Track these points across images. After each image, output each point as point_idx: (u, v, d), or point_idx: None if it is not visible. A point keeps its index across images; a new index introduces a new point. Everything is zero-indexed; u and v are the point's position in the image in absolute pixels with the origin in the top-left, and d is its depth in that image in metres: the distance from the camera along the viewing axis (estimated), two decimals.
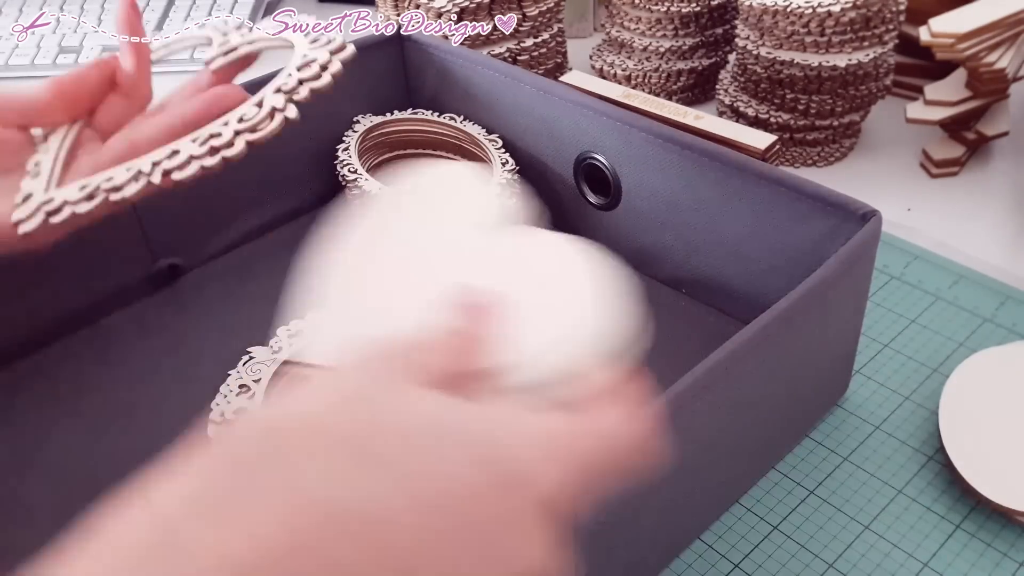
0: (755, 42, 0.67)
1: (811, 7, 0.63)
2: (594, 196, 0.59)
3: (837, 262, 0.42)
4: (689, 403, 0.37)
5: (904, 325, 0.54)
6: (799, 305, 0.40)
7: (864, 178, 0.68)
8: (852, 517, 0.44)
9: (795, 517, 0.45)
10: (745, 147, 0.53)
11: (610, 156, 0.56)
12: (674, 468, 0.39)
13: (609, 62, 0.77)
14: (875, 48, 0.65)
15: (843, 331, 0.47)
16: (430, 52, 0.64)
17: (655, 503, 0.39)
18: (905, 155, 0.70)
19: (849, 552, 0.43)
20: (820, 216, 0.46)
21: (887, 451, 0.47)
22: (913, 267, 0.58)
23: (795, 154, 0.69)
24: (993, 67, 0.61)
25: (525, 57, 0.70)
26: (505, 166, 0.61)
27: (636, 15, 0.74)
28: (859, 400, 0.50)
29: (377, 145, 0.66)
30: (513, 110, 0.61)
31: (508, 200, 0.37)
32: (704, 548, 0.44)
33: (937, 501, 0.45)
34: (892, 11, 0.64)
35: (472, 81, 0.63)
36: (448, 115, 0.66)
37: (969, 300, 0.56)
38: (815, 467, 0.47)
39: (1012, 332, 0.53)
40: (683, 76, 0.75)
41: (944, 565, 0.42)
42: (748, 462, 0.45)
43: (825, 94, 0.66)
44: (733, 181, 0.49)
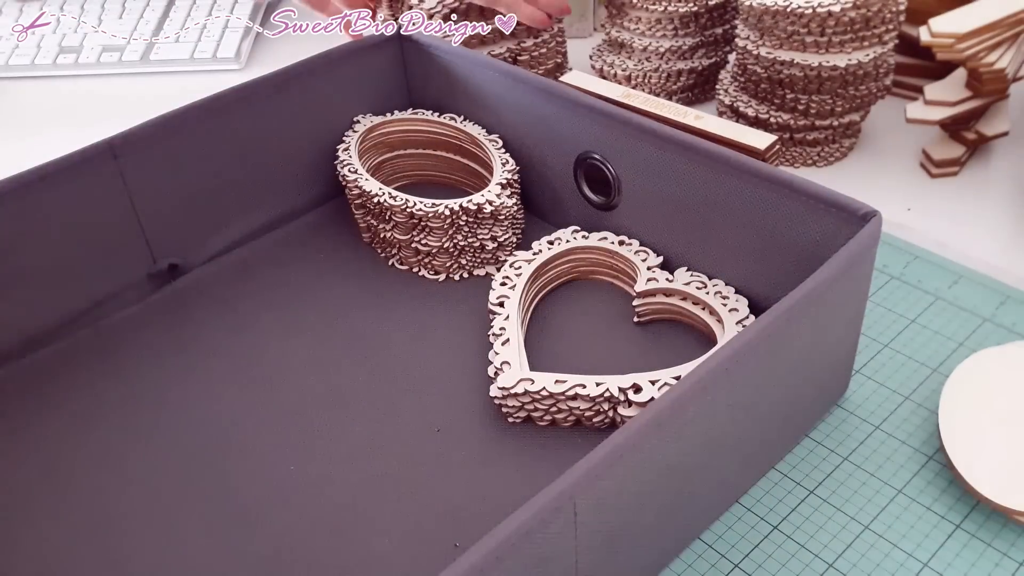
0: (755, 42, 0.67)
1: (811, 7, 0.63)
2: (594, 196, 0.59)
3: (837, 262, 0.42)
4: (689, 403, 0.37)
5: (904, 325, 0.54)
6: (799, 305, 0.40)
7: (864, 178, 0.68)
8: (852, 517, 0.44)
9: (795, 517, 0.45)
10: (745, 147, 0.53)
11: (610, 156, 0.56)
12: (674, 468, 0.39)
13: (609, 62, 0.77)
14: (875, 48, 0.65)
15: (843, 331, 0.47)
16: (430, 52, 0.64)
17: (655, 503, 0.39)
18: (905, 155, 0.70)
19: (849, 552, 0.43)
20: (820, 216, 0.46)
21: (887, 451, 0.47)
22: (913, 267, 0.58)
23: (795, 154, 0.69)
24: (993, 67, 0.61)
25: (525, 57, 0.70)
26: (505, 166, 0.61)
27: (636, 15, 0.74)
28: (859, 400, 0.50)
29: (377, 145, 0.66)
30: (513, 110, 0.61)
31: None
32: (704, 548, 0.44)
33: (937, 501, 0.45)
34: (892, 11, 0.64)
35: (472, 81, 0.63)
36: (448, 115, 0.66)
37: (969, 300, 0.56)
38: (815, 467, 0.47)
39: (1012, 332, 0.53)
40: (683, 76, 0.75)
41: (944, 565, 0.42)
42: (748, 462, 0.45)
43: (825, 94, 0.66)
44: (733, 181, 0.50)
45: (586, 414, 0.48)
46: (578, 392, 0.47)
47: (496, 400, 0.49)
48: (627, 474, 0.36)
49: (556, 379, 0.48)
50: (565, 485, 0.34)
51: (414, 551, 0.43)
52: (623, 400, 0.47)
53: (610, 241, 0.58)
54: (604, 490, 0.35)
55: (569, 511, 0.34)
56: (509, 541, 0.32)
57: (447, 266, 0.60)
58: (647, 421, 0.36)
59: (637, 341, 0.54)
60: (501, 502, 0.45)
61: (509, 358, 0.49)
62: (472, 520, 0.44)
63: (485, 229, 0.58)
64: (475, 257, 0.59)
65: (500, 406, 0.49)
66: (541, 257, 0.57)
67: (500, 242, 0.59)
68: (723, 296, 0.53)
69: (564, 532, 0.35)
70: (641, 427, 0.36)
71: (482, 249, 0.59)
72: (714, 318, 0.52)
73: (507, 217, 0.59)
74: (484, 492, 0.46)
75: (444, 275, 0.60)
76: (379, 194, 0.59)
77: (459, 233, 0.58)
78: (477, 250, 0.59)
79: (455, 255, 0.59)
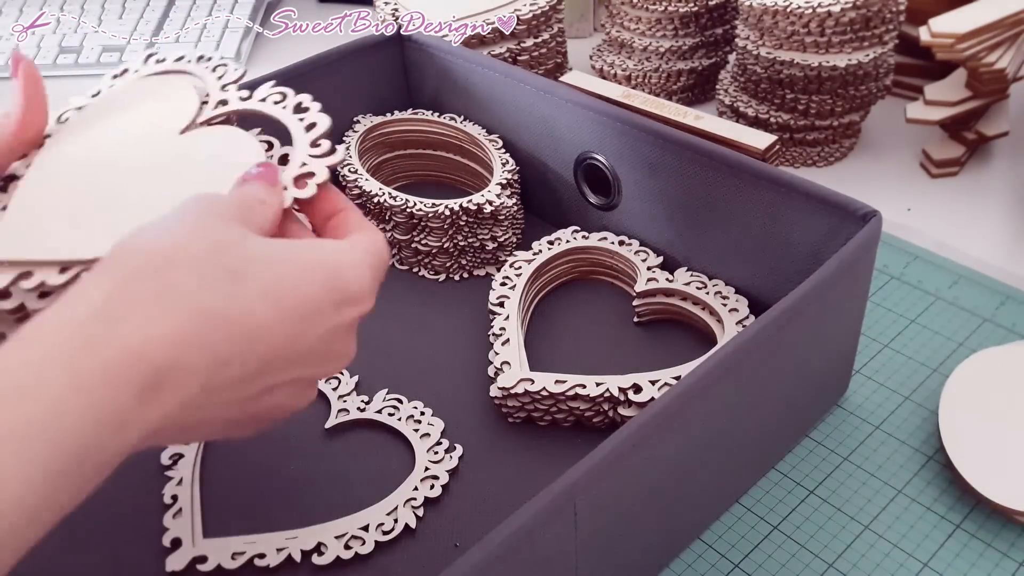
0: (755, 42, 0.67)
1: (811, 7, 0.63)
2: (594, 196, 0.59)
3: (837, 262, 0.42)
4: (689, 403, 0.37)
5: (904, 325, 0.54)
6: (799, 305, 0.40)
7: (864, 178, 0.68)
8: (852, 517, 0.44)
9: (795, 517, 0.45)
10: (745, 147, 0.53)
11: (610, 156, 0.56)
12: (674, 468, 0.39)
13: (609, 62, 0.77)
14: (875, 48, 0.65)
15: (843, 331, 0.47)
16: (430, 52, 0.64)
17: (655, 503, 0.39)
18: (905, 155, 0.70)
19: (849, 552, 0.43)
20: (820, 216, 0.46)
21: (887, 451, 0.47)
22: (913, 267, 0.58)
23: (795, 154, 0.69)
24: (993, 67, 0.61)
25: (525, 57, 0.70)
26: (505, 166, 0.61)
27: (636, 15, 0.74)
28: (859, 400, 0.50)
29: (377, 145, 0.66)
30: (513, 110, 0.61)
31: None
32: (704, 548, 0.44)
33: (937, 501, 0.45)
34: (892, 11, 0.64)
35: (472, 81, 0.63)
36: (448, 115, 0.66)
37: (969, 300, 0.56)
38: (815, 467, 0.47)
39: (1012, 332, 0.53)
40: (683, 76, 0.75)
41: (944, 565, 0.42)
42: (748, 462, 0.45)
43: (825, 94, 0.66)
44: (733, 181, 0.50)
45: (586, 414, 0.48)
46: (578, 392, 0.47)
47: (496, 400, 0.49)
48: (627, 474, 0.36)
49: (556, 379, 0.48)
50: (565, 485, 0.34)
51: (414, 551, 0.43)
52: (623, 400, 0.47)
53: (610, 241, 0.58)
54: (604, 490, 0.35)
55: (569, 511, 0.34)
56: (509, 541, 0.32)
57: (447, 266, 0.60)
58: (647, 421, 0.36)
59: (637, 341, 0.54)
60: (501, 502, 0.45)
61: (509, 358, 0.49)
62: (472, 520, 0.44)
63: (485, 229, 0.58)
64: (475, 257, 0.59)
65: (500, 406, 0.49)
66: (541, 257, 0.57)
67: (500, 242, 0.59)
68: (723, 296, 0.53)
69: (564, 532, 0.35)
70: (641, 427, 0.36)
71: (482, 249, 0.59)
72: (714, 318, 0.52)
73: (507, 217, 0.59)
74: (484, 492, 0.46)
75: (444, 275, 0.60)
76: (379, 194, 0.59)
77: (459, 233, 0.58)
78: (477, 250, 0.59)
79: (455, 255, 0.59)
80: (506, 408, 0.49)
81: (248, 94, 0.40)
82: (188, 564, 0.42)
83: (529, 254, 0.57)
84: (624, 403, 0.47)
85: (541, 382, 0.48)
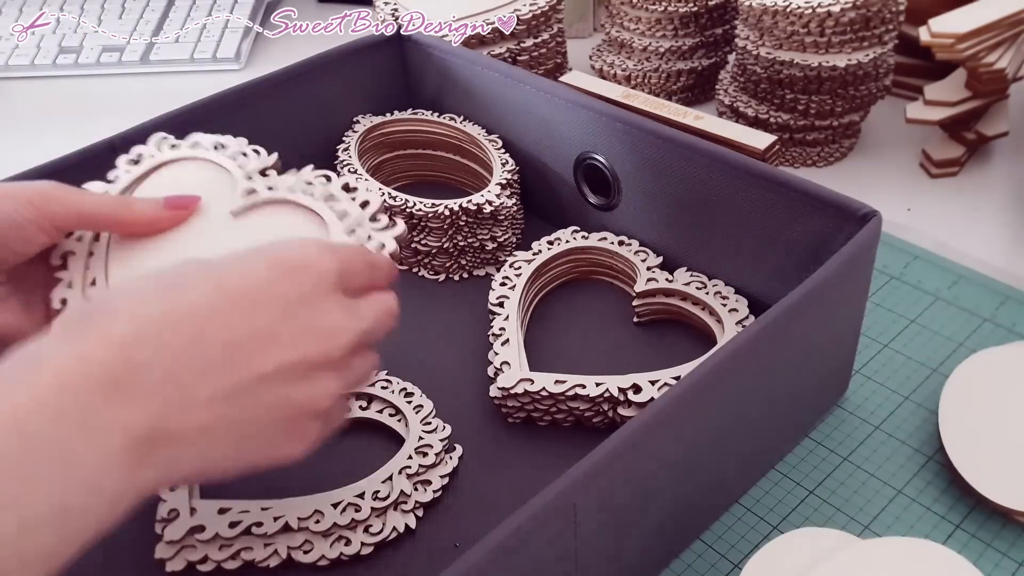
0: (755, 42, 0.67)
1: (811, 7, 0.63)
2: (594, 196, 0.59)
3: (837, 262, 0.42)
4: (689, 403, 0.37)
5: (904, 325, 0.54)
6: (799, 305, 0.40)
7: (864, 178, 0.68)
8: (852, 517, 0.44)
9: (795, 517, 0.45)
10: (745, 147, 0.53)
11: (610, 156, 0.56)
12: (674, 468, 0.39)
13: (609, 62, 0.77)
14: (875, 48, 0.65)
15: (843, 331, 0.47)
16: (430, 52, 0.64)
17: (655, 503, 0.39)
18: (905, 155, 0.70)
19: None
20: (820, 216, 0.46)
21: (887, 451, 0.47)
22: (913, 267, 0.58)
23: (795, 154, 0.69)
24: (993, 67, 0.61)
25: (525, 57, 0.70)
26: (505, 166, 0.61)
27: (636, 15, 0.74)
28: (859, 400, 0.50)
29: (377, 145, 0.66)
30: (513, 110, 0.61)
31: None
32: (704, 548, 0.44)
33: (937, 501, 0.45)
34: (892, 11, 0.64)
35: (472, 81, 0.63)
36: (448, 115, 0.66)
37: (969, 300, 0.56)
38: (815, 467, 0.47)
39: (1012, 332, 0.53)
40: (683, 76, 0.75)
41: None
42: (748, 462, 0.45)
43: (825, 94, 0.66)
44: (733, 181, 0.50)
45: (586, 414, 0.48)
46: (578, 392, 0.47)
47: (496, 400, 0.49)
48: (627, 474, 0.36)
49: (556, 379, 0.48)
50: (565, 485, 0.34)
51: (414, 551, 0.43)
52: (623, 400, 0.47)
53: (610, 241, 0.58)
54: (604, 490, 0.35)
55: (569, 511, 0.34)
56: (509, 541, 0.32)
57: (447, 266, 0.60)
58: (647, 421, 0.36)
59: (637, 341, 0.54)
60: (501, 502, 0.45)
61: (509, 358, 0.49)
62: (472, 520, 0.44)
63: (485, 229, 0.58)
64: (475, 257, 0.59)
65: (500, 406, 0.49)
66: (541, 257, 0.57)
67: (500, 242, 0.59)
68: (723, 296, 0.53)
69: (564, 532, 0.35)
70: (641, 427, 0.36)
71: (482, 249, 0.59)
72: (714, 318, 0.52)
73: (507, 217, 0.59)
74: (484, 492, 0.46)
75: (444, 275, 0.60)
76: (379, 194, 0.59)
77: (459, 233, 0.58)
78: (477, 250, 0.59)
79: (455, 255, 0.59)
80: (506, 408, 0.49)
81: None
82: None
83: (529, 254, 0.57)
84: (624, 403, 0.47)
85: (541, 382, 0.48)
